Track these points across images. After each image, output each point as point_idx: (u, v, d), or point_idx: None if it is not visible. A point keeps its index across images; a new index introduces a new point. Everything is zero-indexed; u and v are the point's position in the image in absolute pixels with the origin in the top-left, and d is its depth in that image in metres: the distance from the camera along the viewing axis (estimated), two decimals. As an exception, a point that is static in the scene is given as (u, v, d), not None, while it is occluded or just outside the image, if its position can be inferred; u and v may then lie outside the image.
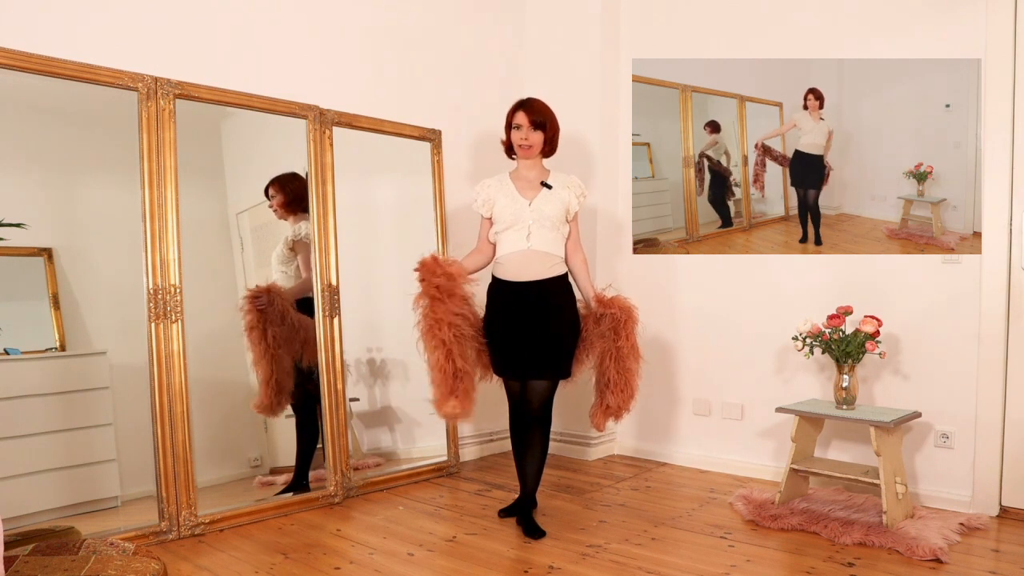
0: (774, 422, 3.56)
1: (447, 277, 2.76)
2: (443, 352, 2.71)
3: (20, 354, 2.64)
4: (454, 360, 2.71)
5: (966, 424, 3.11)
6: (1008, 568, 2.49)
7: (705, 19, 3.81)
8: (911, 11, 3.23)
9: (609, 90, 4.05)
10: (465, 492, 3.43)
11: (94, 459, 2.77)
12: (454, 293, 2.76)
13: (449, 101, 3.95)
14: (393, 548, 2.70)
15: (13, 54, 2.50)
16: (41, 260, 2.72)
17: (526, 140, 2.90)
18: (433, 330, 2.73)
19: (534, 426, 2.88)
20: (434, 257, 2.82)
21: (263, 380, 3.12)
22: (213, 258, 3.17)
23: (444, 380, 2.72)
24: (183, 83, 2.87)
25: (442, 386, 2.73)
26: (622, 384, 2.87)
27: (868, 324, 3.01)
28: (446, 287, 2.75)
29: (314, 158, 3.25)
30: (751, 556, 2.61)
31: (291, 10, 3.36)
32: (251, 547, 2.70)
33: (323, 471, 3.25)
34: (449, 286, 2.76)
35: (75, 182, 2.83)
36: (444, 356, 2.71)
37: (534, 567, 2.52)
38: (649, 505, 3.21)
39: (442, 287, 2.74)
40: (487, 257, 3.00)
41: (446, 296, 2.74)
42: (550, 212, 2.87)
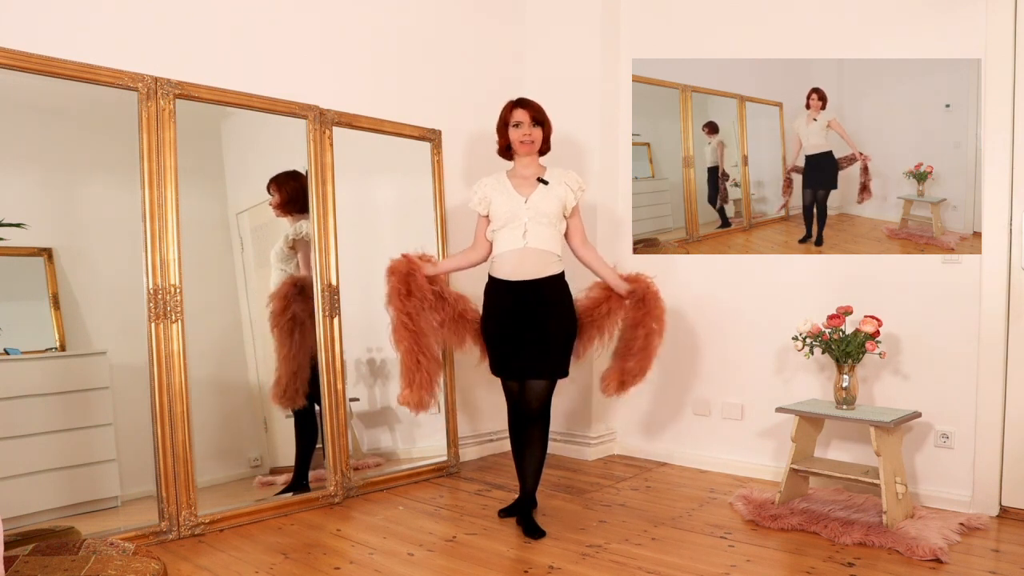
0: (774, 422, 3.56)
1: (404, 276, 2.93)
2: (404, 346, 2.90)
3: (20, 354, 2.64)
4: (416, 355, 2.89)
5: (966, 424, 3.10)
6: (1008, 568, 2.49)
7: (705, 19, 3.81)
8: (911, 11, 3.23)
9: (609, 90, 4.05)
10: (465, 492, 3.43)
11: (94, 459, 2.76)
12: (411, 291, 2.91)
13: (449, 101, 3.95)
14: (393, 548, 2.70)
15: (13, 54, 2.50)
16: (41, 260, 2.72)
17: (528, 136, 2.91)
18: (395, 326, 2.92)
19: (533, 426, 2.88)
20: (405, 256, 3.00)
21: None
22: (213, 258, 3.17)
23: (404, 372, 2.91)
24: (183, 83, 2.87)
25: (403, 376, 2.92)
26: (645, 353, 3.02)
27: (868, 324, 3.01)
28: (403, 286, 2.92)
29: (314, 158, 3.25)
30: (751, 556, 2.61)
31: (291, 10, 3.36)
32: (251, 547, 2.70)
33: (323, 471, 3.25)
34: (406, 283, 2.92)
35: (75, 182, 2.83)
36: (405, 351, 2.90)
37: (534, 567, 2.52)
38: (649, 505, 3.21)
39: (399, 287, 2.92)
40: (480, 254, 3.04)
41: (404, 296, 2.91)
42: (547, 209, 2.87)
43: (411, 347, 2.88)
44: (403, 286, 2.91)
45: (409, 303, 2.90)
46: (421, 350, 2.88)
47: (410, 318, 2.89)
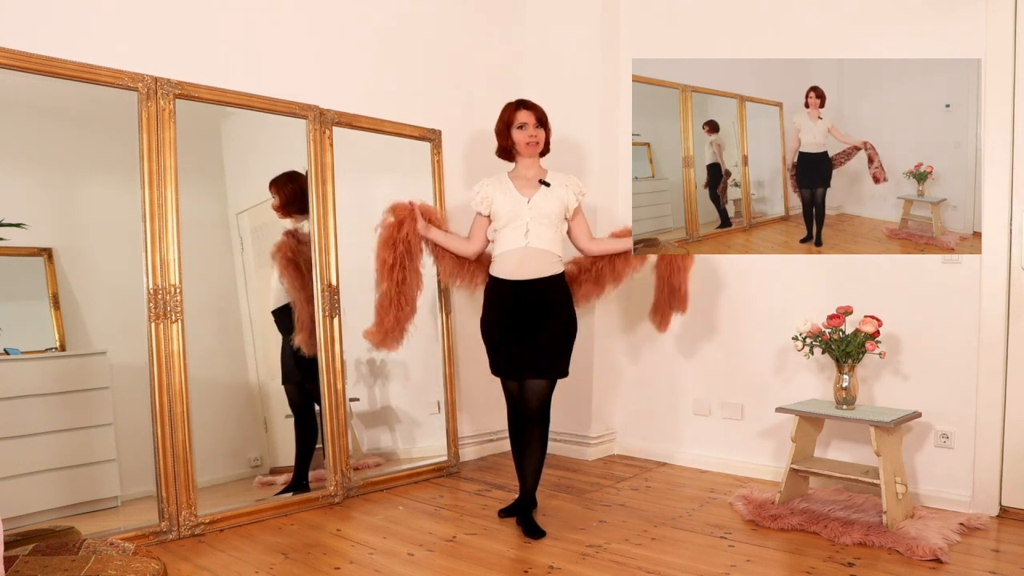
0: (774, 422, 3.56)
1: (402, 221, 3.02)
2: (385, 286, 2.99)
3: (20, 354, 2.64)
4: (394, 297, 2.99)
5: (966, 424, 3.10)
6: (1008, 568, 2.49)
7: (705, 19, 3.81)
8: (911, 11, 3.23)
9: (609, 90, 4.05)
10: (465, 492, 3.43)
11: (94, 459, 2.77)
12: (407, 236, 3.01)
13: (449, 101, 3.95)
14: (393, 548, 2.70)
15: (13, 54, 2.50)
16: (41, 260, 2.72)
17: (534, 137, 2.92)
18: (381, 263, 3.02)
19: (533, 426, 2.88)
20: (411, 203, 3.07)
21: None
22: (213, 258, 3.17)
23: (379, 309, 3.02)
24: (183, 83, 2.87)
25: (376, 313, 3.03)
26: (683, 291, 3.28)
27: (868, 324, 3.01)
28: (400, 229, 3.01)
29: (314, 158, 3.25)
30: (751, 556, 2.61)
31: (291, 10, 3.36)
32: (251, 547, 2.70)
33: (323, 471, 3.25)
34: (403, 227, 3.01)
35: (75, 182, 2.83)
36: (384, 292, 3.00)
37: (534, 567, 2.52)
38: (649, 505, 3.21)
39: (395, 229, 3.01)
40: (473, 248, 3.07)
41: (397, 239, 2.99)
42: (548, 210, 2.89)
43: (390, 289, 2.98)
44: (400, 229, 3.01)
45: (399, 250, 2.99)
46: (401, 291, 2.99)
47: (398, 260, 2.98)
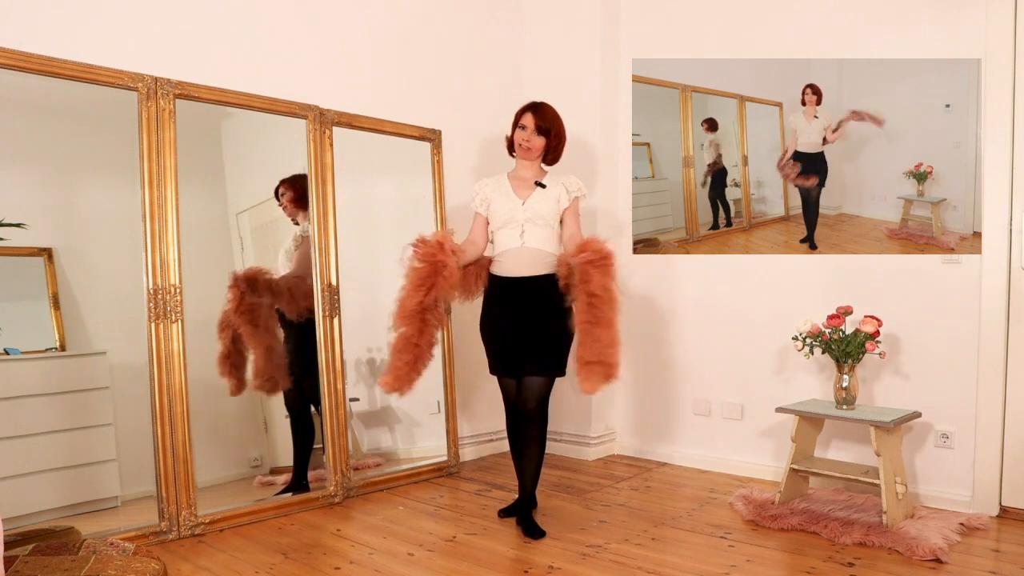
0: (774, 422, 3.56)
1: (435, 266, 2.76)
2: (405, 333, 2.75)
3: (20, 354, 2.64)
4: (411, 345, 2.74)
5: (966, 424, 3.10)
6: (1008, 568, 2.49)
7: (705, 19, 3.81)
8: (911, 11, 3.23)
9: (609, 90, 4.05)
10: (465, 492, 3.43)
11: (94, 459, 2.77)
12: (436, 284, 2.76)
13: (449, 101, 3.95)
14: (393, 548, 2.70)
15: (13, 54, 2.50)
16: (41, 260, 2.72)
17: (527, 142, 2.92)
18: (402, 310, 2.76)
19: (531, 425, 2.88)
20: (441, 243, 2.80)
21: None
22: (213, 258, 3.17)
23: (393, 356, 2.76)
24: (183, 83, 2.87)
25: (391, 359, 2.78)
26: (595, 334, 2.60)
27: (868, 324, 3.01)
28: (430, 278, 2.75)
29: (314, 158, 3.25)
30: (751, 556, 2.61)
31: (291, 10, 3.36)
32: (251, 547, 2.70)
33: (323, 471, 3.25)
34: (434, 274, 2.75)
35: (75, 182, 2.83)
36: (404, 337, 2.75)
37: (534, 567, 2.52)
38: (649, 505, 3.21)
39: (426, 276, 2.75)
40: (479, 249, 3.03)
41: (428, 287, 2.74)
42: (543, 211, 2.89)
43: (410, 336, 2.75)
44: (431, 278, 2.75)
45: (429, 297, 2.75)
46: (419, 341, 2.77)
47: (423, 308, 2.76)
